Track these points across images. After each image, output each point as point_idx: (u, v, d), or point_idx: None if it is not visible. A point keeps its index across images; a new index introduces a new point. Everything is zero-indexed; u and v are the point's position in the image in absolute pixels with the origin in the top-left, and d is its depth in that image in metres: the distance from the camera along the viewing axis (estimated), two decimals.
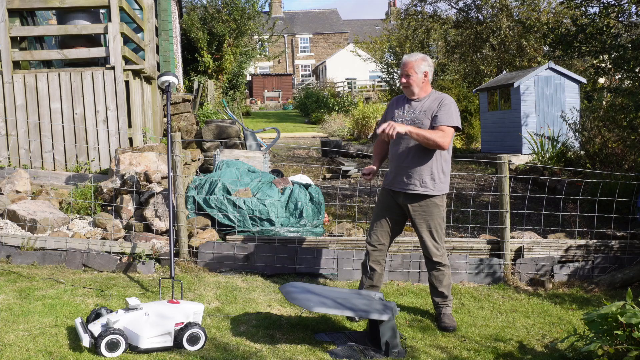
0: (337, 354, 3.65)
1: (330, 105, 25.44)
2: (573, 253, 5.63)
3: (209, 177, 6.35)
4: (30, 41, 8.00)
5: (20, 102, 7.14)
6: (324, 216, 6.22)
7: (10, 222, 5.78)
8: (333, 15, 54.57)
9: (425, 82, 4.23)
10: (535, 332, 4.25)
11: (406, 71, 4.19)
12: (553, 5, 17.54)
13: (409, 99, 4.28)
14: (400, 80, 4.25)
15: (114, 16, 7.10)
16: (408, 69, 4.18)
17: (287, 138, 16.85)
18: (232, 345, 3.73)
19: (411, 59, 4.20)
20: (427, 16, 20.15)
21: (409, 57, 4.21)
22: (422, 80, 4.21)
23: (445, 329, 4.19)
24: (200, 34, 18.89)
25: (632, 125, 7.95)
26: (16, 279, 4.87)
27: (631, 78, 8.22)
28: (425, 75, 4.21)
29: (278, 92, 38.30)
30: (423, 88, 4.24)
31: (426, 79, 4.22)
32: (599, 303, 4.77)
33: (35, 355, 3.44)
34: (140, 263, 5.36)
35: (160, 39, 11.43)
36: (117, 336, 3.45)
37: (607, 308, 3.51)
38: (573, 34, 8.51)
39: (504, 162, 5.52)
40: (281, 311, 4.46)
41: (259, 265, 5.44)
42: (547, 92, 12.85)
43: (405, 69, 4.21)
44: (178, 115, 9.77)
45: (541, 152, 10.87)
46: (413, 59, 4.20)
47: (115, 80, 7.15)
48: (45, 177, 6.86)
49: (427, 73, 4.21)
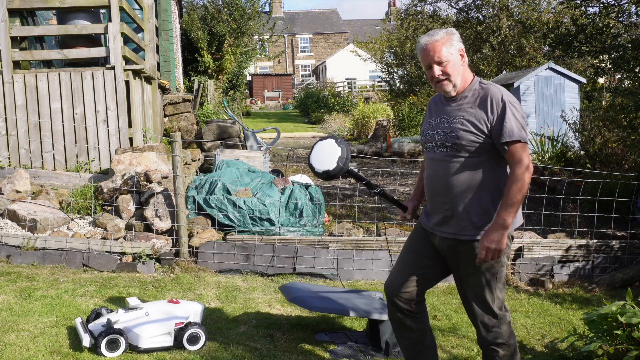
0: (337, 353, 3.65)
1: (331, 105, 25.43)
2: (573, 253, 5.63)
3: (209, 177, 6.35)
4: (30, 41, 8.00)
5: (21, 102, 7.14)
6: (324, 216, 6.22)
7: (10, 222, 5.78)
8: (333, 15, 54.56)
9: (465, 66, 2.85)
10: (535, 332, 4.25)
11: (436, 58, 2.79)
12: (553, 5, 17.54)
13: (445, 100, 2.92)
14: (430, 75, 2.85)
15: (114, 16, 7.10)
16: (437, 53, 2.78)
17: (287, 138, 16.84)
18: (232, 345, 3.73)
19: (436, 38, 2.80)
20: (427, 16, 20.13)
21: (431, 37, 2.82)
22: (461, 64, 2.83)
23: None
24: (200, 34, 18.89)
25: (632, 125, 7.95)
26: (16, 279, 4.87)
27: (631, 78, 8.22)
28: (462, 54, 2.84)
29: (278, 92, 38.28)
30: (464, 77, 2.85)
31: (464, 60, 2.84)
32: (599, 303, 4.77)
33: (35, 355, 3.45)
34: (140, 263, 5.36)
35: (161, 39, 11.43)
36: (117, 336, 3.46)
37: (607, 308, 3.52)
38: (573, 34, 8.51)
39: None
40: (281, 311, 4.46)
41: (259, 265, 5.44)
42: (547, 92, 12.85)
43: (431, 55, 2.80)
44: (178, 115, 9.77)
45: (541, 152, 10.85)
46: (438, 37, 2.81)
47: (116, 80, 7.15)
48: (45, 177, 6.87)
49: (463, 52, 2.85)
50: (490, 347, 2.92)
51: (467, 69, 2.88)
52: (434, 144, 2.89)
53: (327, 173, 2.81)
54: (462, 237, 2.83)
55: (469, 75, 2.87)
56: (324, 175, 2.84)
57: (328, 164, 2.81)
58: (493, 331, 2.89)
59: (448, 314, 4.54)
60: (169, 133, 9.07)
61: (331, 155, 2.81)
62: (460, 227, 2.83)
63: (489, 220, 2.79)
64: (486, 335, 2.91)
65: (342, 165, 2.79)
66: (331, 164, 2.80)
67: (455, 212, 2.84)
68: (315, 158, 2.87)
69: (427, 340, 3.11)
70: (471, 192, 2.80)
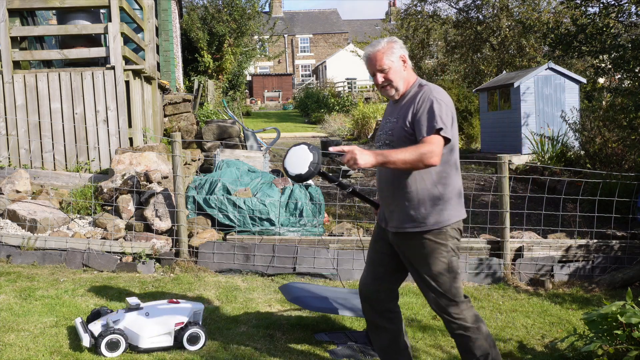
0: (337, 353, 3.65)
1: (331, 105, 25.43)
2: (573, 253, 5.63)
3: (209, 177, 6.35)
4: (30, 41, 8.00)
5: (21, 102, 7.14)
6: (324, 216, 6.22)
7: (10, 222, 5.79)
8: (333, 15, 54.57)
9: (407, 70, 3.06)
10: (535, 332, 4.25)
11: (378, 67, 3.02)
12: (553, 5, 17.55)
13: (393, 103, 3.16)
14: (375, 82, 3.08)
15: (114, 16, 7.10)
16: (378, 62, 3.01)
17: (287, 138, 16.83)
18: (232, 345, 3.73)
19: (378, 48, 3.02)
20: (427, 16, 20.15)
21: (373, 48, 3.04)
22: (403, 69, 3.04)
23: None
24: (200, 34, 18.89)
25: (632, 125, 7.95)
26: (16, 279, 4.87)
27: (631, 78, 8.22)
28: (404, 60, 3.04)
29: (278, 92, 38.27)
30: (406, 80, 3.06)
31: (406, 64, 3.04)
32: (599, 303, 4.77)
33: (35, 355, 3.45)
34: (140, 263, 5.36)
35: (161, 39, 11.43)
36: (117, 336, 3.45)
37: (607, 308, 3.52)
38: (573, 34, 8.51)
39: (504, 162, 5.52)
40: (281, 311, 4.46)
41: (259, 265, 5.44)
42: (547, 92, 12.85)
43: (374, 64, 3.03)
44: (178, 115, 9.77)
45: (541, 152, 10.86)
46: (380, 46, 3.02)
47: (116, 80, 7.15)
48: (45, 177, 6.87)
49: (405, 57, 3.05)
50: (458, 333, 3.02)
51: (411, 73, 3.08)
52: (380, 144, 3.12)
53: (300, 176, 2.97)
54: (404, 230, 3.00)
55: (411, 78, 3.07)
56: (297, 178, 2.99)
57: (300, 168, 2.96)
58: (456, 317, 2.99)
59: None
60: (169, 133, 9.07)
61: (304, 160, 2.96)
62: (401, 221, 3.00)
63: (426, 212, 2.95)
64: (450, 321, 3.01)
65: (313, 170, 2.96)
66: (303, 168, 2.95)
67: (397, 207, 3.01)
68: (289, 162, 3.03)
69: (401, 342, 3.22)
70: (409, 187, 2.96)
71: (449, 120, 2.87)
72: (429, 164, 2.80)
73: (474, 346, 3.00)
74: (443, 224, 2.95)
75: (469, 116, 17.05)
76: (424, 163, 2.79)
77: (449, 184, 2.98)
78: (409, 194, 2.96)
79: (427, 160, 2.78)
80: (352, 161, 2.76)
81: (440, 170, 2.95)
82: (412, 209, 2.96)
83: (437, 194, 2.95)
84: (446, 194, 2.97)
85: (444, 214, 2.95)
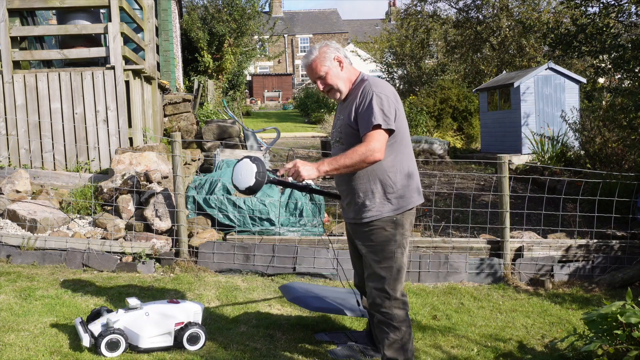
0: (337, 353, 3.65)
1: (331, 105, 25.41)
2: (573, 253, 5.63)
3: (209, 176, 6.35)
4: (30, 41, 8.00)
5: (21, 101, 7.14)
6: (324, 216, 6.22)
7: (10, 222, 5.78)
8: (333, 15, 54.56)
9: (345, 70, 3.12)
10: (535, 332, 4.25)
11: (316, 74, 3.10)
12: (553, 5, 17.55)
13: (342, 102, 3.21)
14: (319, 89, 3.17)
15: (114, 16, 7.10)
16: (315, 70, 3.09)
17: (287, 138, 16.83)
18: (232, 345, 3.73)
19: (311, 58, 3.10)
20: (427, 16, 20.16)
21: (307, 58, 3.12)
22: (340, 69, 3.11)
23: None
24: (200, 33, 18.88)
25: (632, 125, 7.95)
26: (16, 279, 4.87)
27: (631, 78, 8.22)
28: (340, 61, 3.10)
29: (278, 92, 38.26)
30: (348, 79, 3.13)
31: (342, 65, 3.10)
32: (599, 303, 4.77)
33: (35, 355, 3.44)
34: (140, 263, 5.36)
35: (161, 38, 11.43)
36: (117, 336, 3.45)
37: (607, 308, 3.52)
38: (573, 34, 8.51)
39: (504, 162, 5.52)
40: (281, 311, 4.46)
41: (259, 265, 5.44)
42: (547, 92, 12.86)
43: (312, 73, 3.11)
44: (178, 115, 9.77)
45: (541, 152, 10.87)
46: (313, 56, 3.10)
47: (116, 80, 7.15)
48: (45, 177, 6.87)
49: (340, 58, 3.11)
50: (380, 327, 3.14)
51: (351, 71, 3.14)
52: (333, 141, 3.25)
53: (250, 189, 3.05)
54: (357, 220, 3.14)
55: (353, 76, 3.14)
56: (247, 191, 3.07)
57: (248, 181, 3.06)
58: (384, 310, 3.10)
59: (448, 314, 4.54)
60: (169, 133, 9.07)
61: (249, 173, 3.05)
62: (354, 212, 3.14)
63: (375, 202, 3.06)
64: (376, 312, 3.12)
65: (260, 179, 3.05)
66: (250, 180, 3.05)
67: (351, 199, 3.15)
68: (236, 178, 3.13)
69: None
70: (359, 179, 3.07)
71: (390, 112, 2.94)
72: (373, 161, 2.91)
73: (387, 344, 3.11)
74: (396, 212, 3.05)
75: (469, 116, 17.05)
76: (367, 162, 2.91)
77: (399, 171, 3.07)
78: (361, 185, 3.07)
79: (369, 159, 2.90)
80: (296, 174, 2.92)
81: (390, 160, 3.03)
82: (365, 198, 3.07)
83: (389, 183, 3.05)
84: (397, 183, 3.06)
85: (396, 202, 3.06)
